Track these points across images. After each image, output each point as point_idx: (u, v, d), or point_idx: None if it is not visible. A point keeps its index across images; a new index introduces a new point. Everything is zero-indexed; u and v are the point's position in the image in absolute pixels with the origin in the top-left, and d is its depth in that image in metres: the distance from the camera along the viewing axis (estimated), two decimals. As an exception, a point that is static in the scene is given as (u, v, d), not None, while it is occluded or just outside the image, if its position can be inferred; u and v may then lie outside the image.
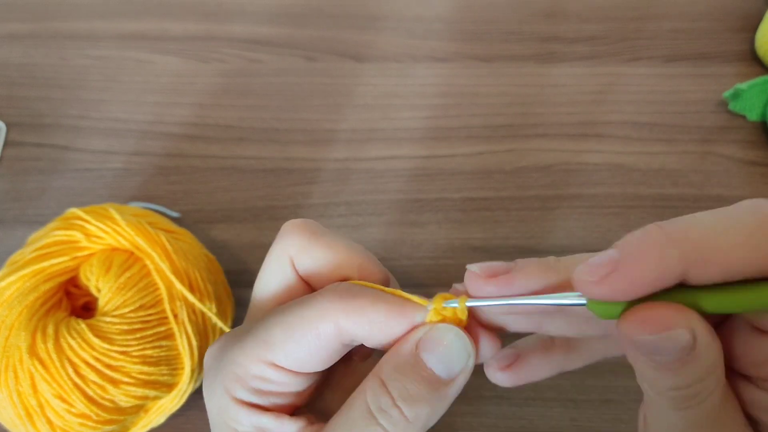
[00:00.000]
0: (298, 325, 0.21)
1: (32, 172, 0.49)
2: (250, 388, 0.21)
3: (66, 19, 0.57)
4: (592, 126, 0.50)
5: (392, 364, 0.20)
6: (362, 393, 0.21)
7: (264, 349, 0.21)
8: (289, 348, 0.21)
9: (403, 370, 0.20)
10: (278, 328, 0.21)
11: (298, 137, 0.50)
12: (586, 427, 0.39)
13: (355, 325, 0.21)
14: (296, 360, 0.21)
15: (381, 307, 0.21)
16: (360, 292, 0.21)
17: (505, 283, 0.21)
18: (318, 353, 0.21)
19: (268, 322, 0.22)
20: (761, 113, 0.49)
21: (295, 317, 0.21)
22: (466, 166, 0.48)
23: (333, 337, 0.21)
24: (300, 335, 0.21)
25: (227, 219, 0.46)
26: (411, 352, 0.20)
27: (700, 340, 0.18)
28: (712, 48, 0.54)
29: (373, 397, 0.20)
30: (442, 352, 0.20)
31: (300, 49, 0.55)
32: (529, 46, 0.55)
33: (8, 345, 0.34)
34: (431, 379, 0.20)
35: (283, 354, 0.21)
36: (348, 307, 0.21)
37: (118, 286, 0.35)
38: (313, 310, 0.21)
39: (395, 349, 0.21)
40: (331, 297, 0.21)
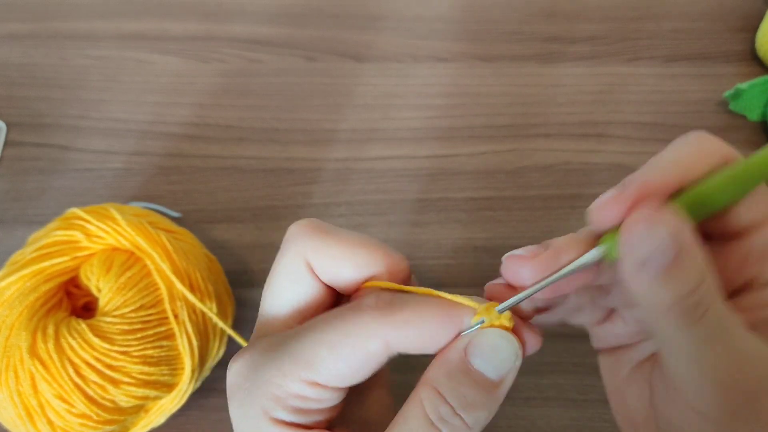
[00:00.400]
0: (344, 345, 0.20)
1: (32, 172, 0.49)
2: (290, 407, 0.21)
3: (66, 19, 0.57)
4: (593, 126, 0.50)
5: (444, 373, 0.20)
6: (417, 404, 0.20)
7: (306, 369, 0.20)
8: (335, 367, 0.20)
9: (456, 378, 0.20)
10: (322, 348, 0.20)
11: (298, 137, 0.50)
12: (587, 427, 0.39)
13: (404, 339, 0.20)
14: (341, 378, 0.21)
15: (428, 317, 0.21)
16: (404, 304, 0.21)
17: (548, 260, 0.21)
18: (364, 369, 0.21)
19: (306, 339, 0.21)
20: (761, 113, 0.49)
21: (339, 336, 0.20)
22: (467, 166, 0.48)
23: (382, 353, 0.21)
24: (347, 354, 0.20)
25: (228, 219, 0.46)
26: (461, 359, 0.20)
27: (682, 239, 0.19)
28: (713, 48, 0.54)
29: (432, 407, 0.20)
30: (490, 356, 0.20)
31: (300, 49, 0.55)
32: (530, 46, 0.55)
33: (8, 345, 0.33)
34: (484, 383, 0.20)
35: (327, 373, 0.20)
36: (396, 322, 0.20)
37: (118, 286, 0.35)
38: (360, 327, 0.20)
39: (444, 356, 0.21)
40: (375, 313, 0.20)
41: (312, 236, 0.22)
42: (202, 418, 0.40)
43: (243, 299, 0.43)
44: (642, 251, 0.19)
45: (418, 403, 0.20)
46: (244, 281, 0.44)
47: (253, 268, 0.45)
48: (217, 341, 0.38)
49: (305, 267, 0.22)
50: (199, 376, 0.38)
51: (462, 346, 0.21)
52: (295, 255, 0.22)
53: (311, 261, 0.22)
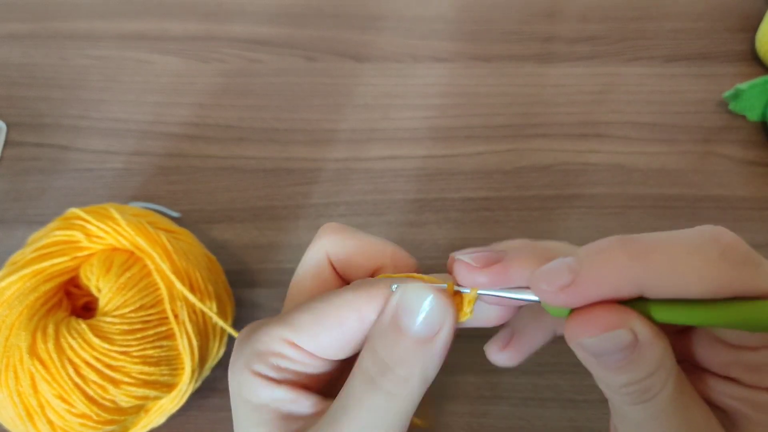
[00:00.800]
0: (323, 312, 0.22)
1: (32, 172, 0.49)
2: (270, 363, 0.22)
3: (66, 19, 0.57)
4: (592, 126, 0.50)
5: (377, 331, 0.22)
6: (359, 364, 0.22)
7: (288, 329, 0.22)
8: (313, 331, 0.22)
9: (386, 335, 0.21)
10: (306, 312, 0.22)
11: (298, 137, 0.50)
12: (584, 427, 0.39)
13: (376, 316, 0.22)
14: (318, 345, 0.22)
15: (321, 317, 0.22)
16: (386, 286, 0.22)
17: (497, 274, 0.21)
18: (340, 341, 0.22)
19: (298, 307, 0.23)
20: (761, 113, 0.49)
21: (322, 304, 0.22)
22: (466, 166, 0.48)
23: (356, 328, 0.22)
24: (325, 321, 0.22)
25: (227, 219, 0.47)
26: (392, 316, 0.21)
27: (642, 338, 0.18)
28: (712, 48, 0.54)
29: (369, 364, 0.21)
30: (417, 311, 0.21)
31: (300, 49, 0.55)
32: (529, 46, 0.55)
33: (8, 345, 0.34)
34: (414, 338, 0.21)
35: (306, 336, 0.22)
36: (372, 299, 0.22)
37: (118, 286, 0.35)
38: (341, 299, 0.22)
39: (379, 318, 0.22)
40: (358, 290, 0.22)
41: (334, 233, 0.25)
42: (201, 418, 0.40)
43: (243, 299, 0.43)
44: (596, 350, 0.19)
45: (359, 364, 0.22)
46: (243, 281, 0.44)
47: (253, 268, 0.45)
48: (217, 341, 0.39)
49: (325, 257, 0.25)
50: (199, 376, 0.38)
51: (394, 303, 0.21)
52: (319, 248, 0.25)
53: (330, 254, 0.25)
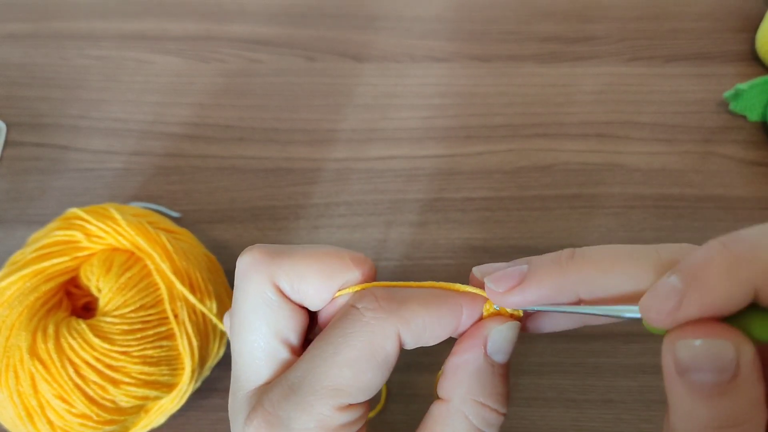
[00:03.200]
0: (364, 357, 0.20)
1: (32, 172, 0.49)
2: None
3: (66, 19, 0.57)
4: (592, 126, 0.50)
5: (477, 381, 0.21)
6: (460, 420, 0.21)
7: (335, 397, 0.20)
8: (362, 382, 0.20)
9: (488, 380, 0.21)
10: (344, 368, 0.20)
11: (298, 137, 0.50)
12: (587, 428, 0.39)
13: (413, 333, 0.21)
14: (369, 389, 0.20)
15: (431, 306, 0.21)
16: (405, 297, 0.21)
17: (519, 294, 0.21)
18: (386, 371, 0.21)
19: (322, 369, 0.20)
20: (761, 113, 0.49)
21: (356, 350, 0.20)
22: (465, 166, 0.48)
23: (397, 350, 0.21)
24: (370, 365, 0.20)
25: (227, 219, 0.46)
26: (485, 360, 0.21)
27: (744, 362, 0.16)
28: (713, 48, 0.54)
29: (480, 418, 0.21)
30: (508, 346, 0.21)
31: (300, 49, 0.55)
32: (528, 46, 0.55)
33: (9, 345, 0.34)
34: (505, 370, 0.21)
35: (357, 390, 0.20)
36: (403, 316, 0.20)
37: (118, 286, 0.35)
38: (370, 332, 0.20)
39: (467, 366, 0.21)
40: (382, 314, 0.20)
41: (274, 260, 0.21)
42: (201, 418, 0.40)
43: (243, 299, 0.43)
44: (692, 361, 0.16)
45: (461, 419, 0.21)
46: (243, 281, 0.44)
47: (253, 268, 0.45)
48: (217, 341, 0.38)
49: (277, 294, 0.21)
50: (199, 377, 0.38)
51: (480, 349, 0.21)
52: (263, 284, 0.21)
53: (282, 285, 0.21)
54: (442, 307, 0.21)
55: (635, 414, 0.24)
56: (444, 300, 0.21)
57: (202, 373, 0.38)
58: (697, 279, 0.17)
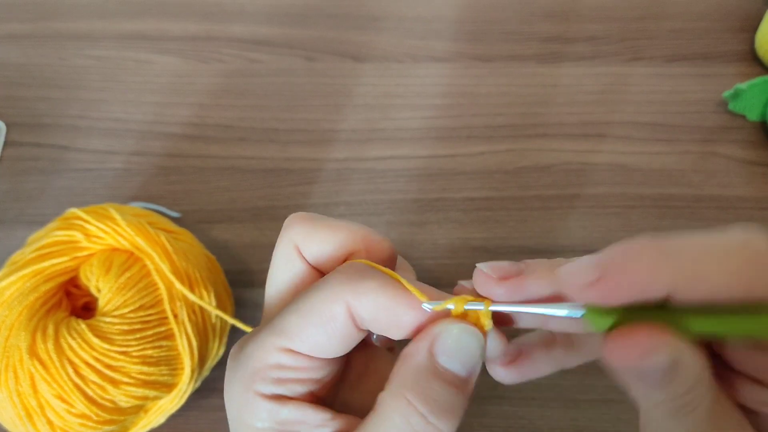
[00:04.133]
0: (310, 309, 0.21)
1: (32, 172, 0.49)
2: (269, 378, 0.21)
3: (65, 19, 0.57)
4: (593, 126, 0.50)
5: (412, 377, 0.20)
6: (386, 415, 0.20)
7: (279, 337, 0.21)
8: (305, 333, 0.21)
9: (425, 380, 0.20)
10: (293, 315, 0.21)
11: (298, 137, 0.50)
12: (586, 427, 0.39)
13: (363, 306, 0.21)
14: (313, 344, 0.21)
15: (389, 290, 0.21)
16: (369, 274, 0.21)
17: (515, 286, 0.21)
18: (334, 336, 0.21)
19: (282, 312, 0.22)
20: (761, 113, 0.49)
21: (307, 302, 0.21)
22: (466, 166, 0.48)
23: (345, 319, 0.21)
24: (314, 318, 0.21)
25: (227, 219, 0.46)
26: (428, 359, 0.20)
27: (682, 360, 0.18)
28: (713, 48, 0.54)
29: (403, 420, 0.20)
30: (457, 351, 0.20)
31: (300, 49, 0.55)
32: (529, 46, 0.55)
33: (8, 345, 0.34)
34: (453, 380, 0.20)
35: (299, 339, 0.21)
36: (357, 287, 0.21)
37: (118, 287, 0.35)
38: (325, 292, 0.21)
39: (409, 360, 0.20)
40: (340, 278, 0.21)
41: (301, 224, 0.24)
42: (201, 418, 0.40)
43: (242, 299, 0.43)
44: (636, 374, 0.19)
45: (388, 417, 0.20)
46: (243, 281, 0.44)
47: (253, 268, 0.45)
48: (217, 341, 0.38)
49: (295, 251, 0.23)
50: (198, 377, 0.38)
51: (426, 345, 0.20)
52: (287, 242, 0.24)
53: (299, 245, 0.23)
54: (400, 297, 0.21)
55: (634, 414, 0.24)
56: (407, 293, 0.21)
57: (202, 373, 0.38)
58: (620, 261, 0.18)
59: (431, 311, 0.21)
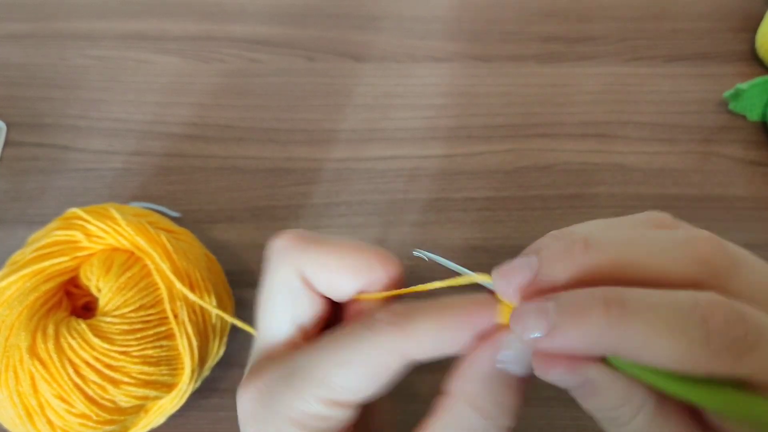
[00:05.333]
0: (359, 362, 0.20)
1: (32, 172, 0.49)
2: (309, 428, 0.20)
3: (66, 19, 0.57)
4: (592, 126, 0.50)
5: (480, 384, 0.20)
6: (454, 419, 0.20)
7: (322, 388, 0.20)
8: (351, 384, 0.20)
9: (492, 386, 0.20)
10: (337, 366, 0.20)
11: (298, 137, 0.50)
12: (587, 427, 0.39)
13: (422, 349, 0.20)
14: (356, 393, 0.20)
15: (445, 325, 0.20)
16: (418, 315, 0.20)
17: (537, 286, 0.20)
18: (382, 382, 0.20)
19: (320, 359, 0.20)
20: (761, 113, 0.49)
21: (353, 353, 0.20)
22: (466, 166, 0.48)
23: (399, 365, 0.20)
24: (362, 371, 0.20)
25: (227, 219, 0.46)
26: (493, 365, 0.20)
27: (598, 383, 0.18)
28: (713, 48, 0.54)
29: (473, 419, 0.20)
30: (523, 356, 0.20)
31: (300, 49, 0.55)
32: (529, 46, 0.55)
33: (8, 345, 0.34)
34: (516, 382, 0.20)
35: (343, 390, 0.20)
36: (411, 335, 0.20)
37: (118, 286, 0.35)
38: (375, 344, 0.20)
39: (473, 365, 0.20)
40: (390, 328, 0.20)
41: (304, 248, 0.22)
42: (201, 418, 0.40)
43: (243, 299, 0.43)
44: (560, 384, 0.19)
45: (454, 418, 0.20)
46: (244, 281, 0.44)
47: (253, 268, 0.45)
48: (217, 341, 0.38)
49: (301, 281, 0.22)
50: (198, 377, 0.38)
51: (491, 353, 0.20)
52: (289, 270, 0.22)
53: (307, 274, 0.22)
54: (455, 323, 0.20)
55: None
56: (459, 314, 0.20)
57: (202, 373, 0.38)
58: (568, 324, 0.18)
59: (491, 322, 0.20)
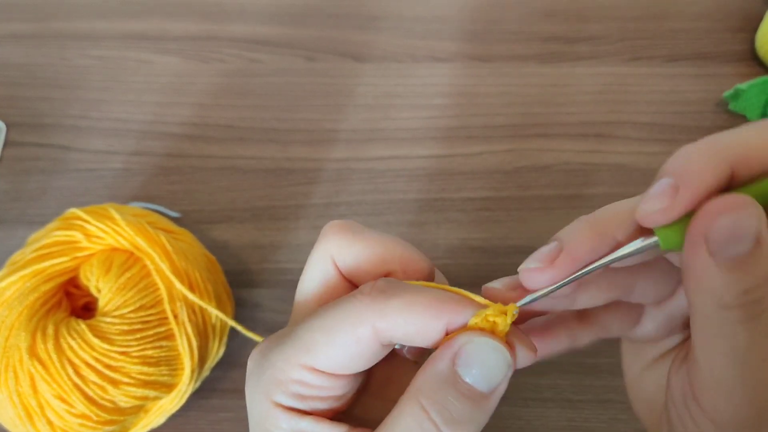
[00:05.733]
0: (336, 329, 0.21)
1: (32, 172, 0.49)
2: (290, 392, 0.21)
3: (66, 19, 0.57)
4: (592, 126, 0.50)
5: (430, 385, 0.20)
6: (401, 418, 0.20)
7: (304, 353, 0.21)
8: (330, 352, 0.21)
9: (442, 390, 0.19)
10: (318, 333, 0.21)
11: (298, 137, 0.50)
12: (583, 428, 0.39)
13: (391, 327, 0.20)
14: (337, 363, 0.21)
15: (417, 308, 0.20)
16: (395, 292, 0.21)
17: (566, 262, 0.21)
18: (358, 356, 0.21)
19: (307, 325, 0.21)
20: (761, 113, 0.49)
21: (333, 321, 0.21)
22: (465, 166, 0.48)
23: (371, 340, 0.20)
24: (340, 340, 0.21)
25: (227, 219, 0.47)
26: (449, 369, 0.20)
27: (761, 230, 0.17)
28: (712, 48, 0.54)
29: (416, 425, 0.19)
30: (480, 367, 0.20)
31: (300, 49, 0.55)
32: (529, 46, 0.55)
33: (8, 345, 0.34)
34: (472, 395, 0.20)
35: (324, 358, 0.21)
36: (383, 309, 0.20)
37: (118, 287, 0.35)
38: (349, 313, 0.21)
39: (430, 367, 0.20)
40: (364, 299, 0.21)
41: (340, 234, 0.23)
42: (201, 418, 0.40)
43: (242, 299, 0.43)
44: (721, 239, 0.17)
45: (401, 418, 0.20)
46: (243, 281, 0.44)
47: (253, 268, 0.45)
48: (217, 341, 0.39)
49: (330, 261, 0.23)
50: (198, 377, 0.38)
51: (450, 355, 0.20)
52: (323, 250, 0.23)
53: (334, 255, 0.23)
54: (428, 311, 0.20)
55: (631, 414, 0.24)
56: (434, 305, 0.20)
57: (202, 374, 0.38)
58: (683, 171, 0.19)
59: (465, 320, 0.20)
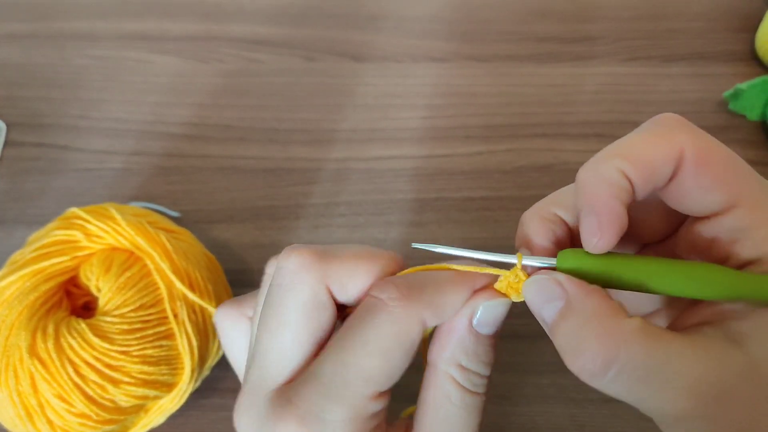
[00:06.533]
0: (394, 346, 0.21)
1: (32, 172, 0.49)
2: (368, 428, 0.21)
3: (66, 19, 0.57)
4: (591, 126, 0.50)
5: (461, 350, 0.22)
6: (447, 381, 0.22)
7: (368, 386, 0.20)
8: (390, 370, 0.21)
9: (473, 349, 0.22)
10: (375, 358, 0.21)
11: (298, 137, 0.50)
12: (586, 425, 0.39)
13: (438, 315, 0.22)
14: (396, 376, 0.21)
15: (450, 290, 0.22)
16: (423, 284, 0.22)
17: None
18: (412, 355, 0.22)
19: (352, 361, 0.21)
20: (761, 113, 0.49)
21: (386, 339, 0.21)
22: (465, 165, 0.48)
23: (420, 333, 0.22)
24: (398, 353, 0.21)
25: (227, 219, 0.47)
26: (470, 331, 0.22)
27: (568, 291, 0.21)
28: (712, 48, 0.54)
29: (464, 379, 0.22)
30: (495, 322, 0.23)
31: (300, 49, 0.55)
32: (527, 46, 0.55)
33: (8, 345, 0.34)
34: (490, 340, 0.23)
35: (386, 378, 0.21)
36: (425, 303, 0.21)
37: (118, 286, 0.35)
38: (400, 321, 0.21)
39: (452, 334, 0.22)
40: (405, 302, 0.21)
41: (324, 260, 0.22)
42: (201, 418, 0.40)
43: (242, 299, 0.43)
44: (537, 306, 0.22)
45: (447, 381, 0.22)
46: (243, 281, 0.44)
47: (253, 268, 0.45)
48: (217, 341, 0.39)
49: (326, 294, 0.22)
50: (198, 376, 0.38)
51: (466, 321, 0.22)
52: (314, 284, 0.22)
53: (332, 286, 0.22)
54: (459, 288, 0.23)
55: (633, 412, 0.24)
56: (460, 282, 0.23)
57: (202, 373, 0.38)
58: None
59: None
